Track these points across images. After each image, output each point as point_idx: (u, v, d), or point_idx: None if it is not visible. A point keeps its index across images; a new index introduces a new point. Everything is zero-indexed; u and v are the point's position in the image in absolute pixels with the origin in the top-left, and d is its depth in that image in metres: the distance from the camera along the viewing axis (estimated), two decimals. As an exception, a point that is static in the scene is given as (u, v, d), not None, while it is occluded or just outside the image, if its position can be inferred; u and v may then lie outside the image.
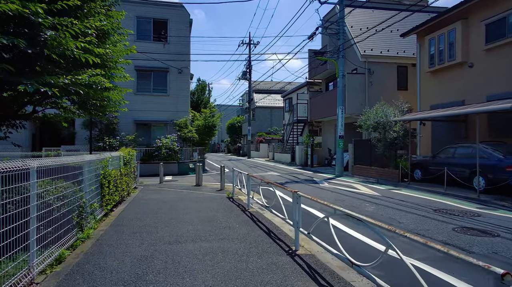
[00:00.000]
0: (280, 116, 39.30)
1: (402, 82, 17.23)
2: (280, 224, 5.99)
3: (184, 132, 17.89)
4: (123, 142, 16.52)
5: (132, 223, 6.00)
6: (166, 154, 16.56)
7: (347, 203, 8.35)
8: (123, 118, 17.76)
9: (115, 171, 7.69)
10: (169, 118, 18.64)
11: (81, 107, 7.97)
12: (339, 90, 15.58)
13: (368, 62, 16.87)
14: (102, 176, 6.46)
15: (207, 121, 19.15)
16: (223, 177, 10.85)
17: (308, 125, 24.79)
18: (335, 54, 15.67)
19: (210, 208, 7.50)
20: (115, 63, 7.64)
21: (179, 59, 18.84)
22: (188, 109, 19.28)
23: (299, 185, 11.99)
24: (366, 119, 13.40)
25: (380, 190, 10.66)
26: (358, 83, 16.94)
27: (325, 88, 21.98)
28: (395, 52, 17.08)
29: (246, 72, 32.81)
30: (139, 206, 7.83)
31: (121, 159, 8.73)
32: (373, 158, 13.98)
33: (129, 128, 17.95)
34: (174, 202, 8.37)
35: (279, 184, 12.71)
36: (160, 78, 18.81)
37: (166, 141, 16.84)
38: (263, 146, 33.83)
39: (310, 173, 17.01)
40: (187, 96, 19.30)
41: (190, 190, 10.80)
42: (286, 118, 30.15)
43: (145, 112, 18.43)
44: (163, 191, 10.52)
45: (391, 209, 7.56)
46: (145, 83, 18.65)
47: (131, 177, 10.09)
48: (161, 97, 18.76)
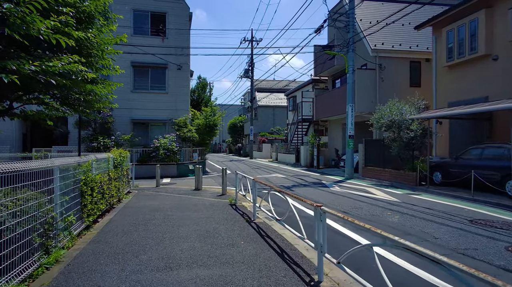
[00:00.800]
0: (283, 115, 38.32)
1: (415, 78, 16.20)
2: (292, 239, 5.01)
3: (184, 131, 16.91)
4: (118, 142, 15.57)
5: (116, 240, 5.01)
6: (164, 155, 15.59)
7: (365, 211, 7.35)
8: (119, 117, 16.81)
9: (101, 175, 6.72)
10: (168, 117, 17.68)
11: (63, 102, 6.99)
12: (348, 86, 14.57)
13: (379, 57, 15.85)
14: (83, 182, 5.49)
15: (208, 120, 18.17)
16: (225, 180, 9.86)
17: (313, 125, 23.78)
18: (344, 48, 14.67)
19: (210, 218, 6.51)
20: (101, 52, 6.63)
21: (179, 54, 17.87)
22: (188, 107, 18.32)
23: (308, 189, 10.99)
24: (380, 117, 12.38)
25: (398, 195, 9.65)
26: (368, 79, 15.92)
27: (331, 85, 20.97)
28: (408, 46, 16.06)
29: (248, 70, 31.83)
30: (129, 215, 6.85)
31: (110, 161, 7.76)
32: (386, 160, 12.96)
33: (126, 128, 17.00)
34: (169, 210, 7.39)
35: (286, 188, 11.72)
36: (158, 74, 17.85)
37: (164, 141, 15.87)
38: (265, 146, 32.84)
39: (317, 175, 16.00)
40: (187, 93, 18.33)
41: (188, 195, 9.81)
42: (290, 117, 29.14)
43: (142, 110, 17.48)
44: (159, 196, 9.55)
45: (419, 220, 6.54)
46: (142, 80, 17.69)
47: (123, 181, 9.12)
48: (159, 95, 17.81)
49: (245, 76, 32.06)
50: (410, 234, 5.51)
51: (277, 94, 39.02)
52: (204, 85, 30.77)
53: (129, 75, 17.36)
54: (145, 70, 17.68)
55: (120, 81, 17.92)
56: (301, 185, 12.24)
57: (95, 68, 6.76)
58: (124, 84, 17.32)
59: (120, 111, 16.83)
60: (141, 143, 16.77)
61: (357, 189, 11.05)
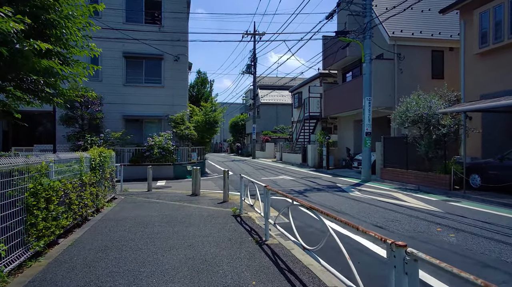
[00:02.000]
0: (287, 113, 36.74)
1: (437, 69, 14.59)
2: (329, 281, 3.43)
3: (181, 128, 15.35)
4: (108, 140, 14.02)
5: (69, 280, 3.45)
6: (159, 155, 14.03)
7: (406, 226, 5.77)
8: (109, 113, 15.26)
9: (68, 181, 5.17)
10: (164, 113, 16.12)
11: (18, 86, 5.44)
12: (365, 77, 12.98)
13: (397, 45, 14.25)
14: (30, 193, 3.93)
15: (208, 117, 16.60)
16: (226, 184, 8.28)
17: (321, 122, 22.20)
18: (360, 34, 13.07)
19: (209, 237, 4.95)
20: (64, 19, 5.06)
21: (175, 44, 16.31)
22: (186, 102, 16.76)
23: (324, 195, 9.41)
24: (404, 111, 10.79)
25: (434, 203, 8.06)
26: (386, 70, 14.33)
27: (341, 79, 19.37)
28: (429, 34, 14.45)
29: (251, 65, 30.26)
30: (103, 233, 5.28)
31: (84, 162, 6.19)
32: (410, 160, 11.38)
33: (117, 125, 15.45)
34: (157, 224, 5.83)
35: (298, 193, 10.12)
36: (153, 66, 16.28)
37: (160, 139, 14.32)
38: (269, 145, 31.26)
39: (328, 176, 14.42)
40: (185, 87, 16.77)
41: (183, 202, 8.25)
42: (295, 115, 27.55)
43: (135, 105, 15.92)
44: (148, 204, 7.98)
45: (485, 240, 4.96)
46: (135, 72, 16.13)
47: (104, 185, 7.56)
48: (154, 89, 16.24)
49: (248, 72, 30.49)
50: (488, 266, 3.94)
51: (280, 91, 37.44)
52: (204, 80, 29.13)
53: (121, 67, 15.81)
54: (139, 61, 16.12)
55: (111, 73, 16.42)
56: (315, 189, 10.66)
57: (55, 40, 5.18)
58: (116, 77, 15.82)
59: (111, 106, 15.32)
60: (135, 142, 15.23)
61: (381, 194, 9.46)
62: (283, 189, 10.46)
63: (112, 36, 15.00)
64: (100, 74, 15.55)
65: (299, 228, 4.31)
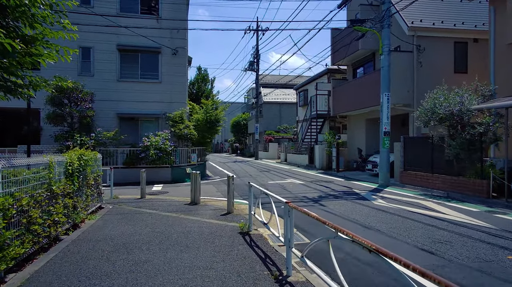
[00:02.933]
0: (290, 112, 35.52)
1: (460, 63, 13.33)
2: None
3: (180, 128, 14.12)
4: (99, 140, 12.80)
5: None
6: (155, 156, 12.80)
7: (462, 250, 4.52)
8: (102, 111, 14.06)
9: (25, 193, 3.95)
10: (162, 111, 14.90)
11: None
12: (383, 71, 11.73)
13: (416, 36, 12.99)
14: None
15: (209, 115, 15.36)
16: (231, 191, 7.03)
17: (328, 121, 20.95)
18: (377, 23, 11.82)
19: (210, 271, 3.71)
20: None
21: (174, 37, 15.08)
22: (186, 99, 15.53)
23: (343, 204, 8.16)
24: (432, 107, 9.53)
25: (477, 215, 6.81)
26: (404, 64, 13.07)
27: (352, 75, 18.12)
28: (451, 23, 13.19)
29: (253, 62, 29.01)
30: (72, 262, 4.05)
31: (54, 167, 4.97)
32: (436, 162, 10.13)
33: (111, 123, 14.23)
34: (145, 247, 4.60)
35: (312, 201, 8.85)
36: (149, 60, 15.05)
37: (156, 139, 13.09)
38: (272, 145, 30.01)
39: (341, 180, 13.17)
40: (184, 83, 15.54)
41: (181, 213, 7.01)
42: (300, 114, 26.31)
43: (130, 103, 14.70)
44: (139, 215, 6.75)
45: None
46: (130, 67, 14.90)
47: (85, 195, 6.34)
48: (151, 85, 15.02)
49: (250, 69, 29.24)
50: None
51: (284, 89, 36.18)
52: (205, 77, 27.84)
53: (115, 61, 14.58)
54: (134, 55, 14.89)
55: (104, 67, 15.17)
56: (330, 196, 9.40)
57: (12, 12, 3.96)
58: (109, 72, 14.59)
59: (103, 103, 14.11)
60: (130, 142, 14.00)
61: (408, 203, 8.21)
62: (295, 196, 9.22)
63: (105, 26, 13.78)
64: (91, 68, 14.35)
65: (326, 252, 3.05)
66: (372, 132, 16.70)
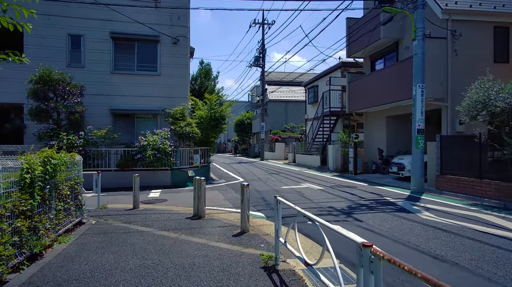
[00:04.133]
0: (297, 110, 33.95)
1: (501, 51, 11.70)
2: None
3: (180, 125, 12.56)
4: (89, 139, 11.26)
5: None
6: (153, 158, 11.24)
7: None
8: (94, 106, 12.54)
9: None
10: (161, 107, 13.36)
11: None
12: (417, 59, 10.14)
13: (451, 20, 11.36)
14: None
15: (213, 111, 13.81)
16: (245, 203, 5.44)
17: (342, 119, 19.34)
18: (409, 3, 10.21)
19: None
20: None
21: (175, 24, 13.54)
22: (187, 94, 13.97)
23: (382, 217, 6.57)
24: (485, 99, 7.92)
25: None
26: (436, 52, 11.44)
27: (370, 68, 16.50)
28: (491, 6, 11.57)
29: (259, 57, 27.44)
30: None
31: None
32: (484, 166, 8.52)
33: (104, 120, 12.70)
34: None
35: (342, 213, 7.18)
36: (147, 50, 13.50)
37: (154, 138, 11.54)
38: (279, 145, 28.42)
39: (363, 185, 11.57)
40: (185, 76, 13.98)
41: (181, 231, 5.45)
42: (310, 112, 24.73)
43: (126, 98, 13.16)
44: (127, 236, 5.19)
45: None
46: (126, 57, 13.35)
47: (55, 210, 4.78)
48: (148, 77, 13.47)
49: (256, 65, 27.67)
50: None
51: (290, 87, 34.62)
52: (208, 71, 26.21)
53: (108, 51, 13.04)
54: (130, 44, 13.33)
55: (96, 58, 13.54)
56: (361, 206, 7.81)
57: None
58: (102, 63, 13.04)
59: (95, 98, 12.59)
60: (125, 141, 12.49)
61: (462, 216, 6.61)
62: (319, 206, 7.64)
63: (97, 12, 12.25)
64: (82, 59, 12.81)
65: None
66: (394, 131, 15.10)
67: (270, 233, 5.40)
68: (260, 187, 11.22)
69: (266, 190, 10.35)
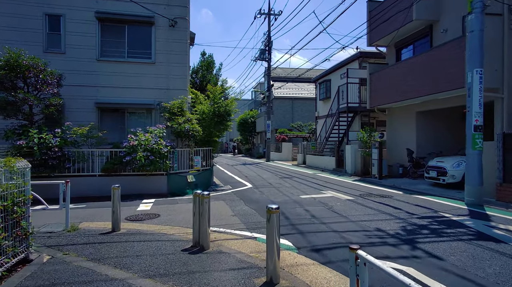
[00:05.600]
0: (304, 107, 32.00)
1: None
2: None
3: (178, 122, 10.59)
4: (67, 138, 9.30)
5: None
6: (144, 161, 9.27)
7: None
8: (75, 99, 10.60)
9: None
10: (156, 100, 11.41)
11: None
12: (472, 37, 8.17)
13: (508, -7, 9.36)
14: None
15: (217, 105, 11.84)
16: (274, 238, 3.45)
17: (360, 116, 17.35)
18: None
19: None
20: None
21: (172, 3, 11.57)
22: (187, 86, 12.00)
23: (464, 249, 4.57)
24: None
25: None
26: (490, 32, 9.41)
27: (395, 57, 14.48)
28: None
29: (265, 50, 25.45)
30: None
31: None
32: None
33: (88, 116, 10.75)
34: None
35: (397, 238, 4.87)
36: (139, 34, 11.53)
37: (147, 137, 9.58)
38: (286, 145, 26.43)
39: (398, 193, 9.57)
40: (185, 64, 11.99)
41: (173, 281, 3.47)
42: (321, 109, 22.74)
43: (114, 89, 11.21)
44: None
45: None
46: (115, 42, 11.38)
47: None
48: (141, 66, 11.50)
49: (261, 58, 25.68)
50: None
51: (297, 83, 32.57)
52: (210, 63, 24.16)
53: (94, 34, 11.07)
54: (120, 27, 11.36)
55: (80, 42, 11.24)
56: (421, 228, 5.79)
57: None
58: (86, 49, 11.04)
59: (78, 90, 10.65)
60: (113, 140, 10.54)
61: None
62: (362, 228, 5.64)
63: None
64: (62, 43, 10.84)
65: None
66: (425, 129, 13.10)
67: (315, 284, 3.43)
68: (274, 196, 9.24)
69: (284, 201, 8.37)
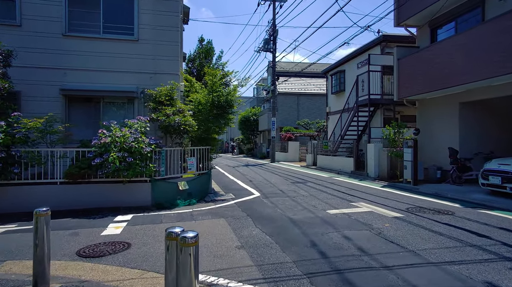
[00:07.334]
0: (311, 104, 29.74)
1: None
2: None
3: (166, 113, 8.24)
4: (14, 134, 6.94)
5: None
6: (120, 163, 6.93)
7: None
8: (35, 85, 8.28)
9: None
10: (139, 87, 9.07)
11: None
12: None
13: None
14: None
15: (217, 94, 9.50)
16: None
17: (382, 110, 15.03)
18: None
19: None
20: None
21: (159, -35, 9.23)
22: (178, 69, 9.66)
23: None
24: None
25: None
26: None
27: (430, 39, 12.13)
28: None
29: (269, 40, 23.13)
30: None
31: None
32: None
33: (51, 106, 8.40)
34: None
35: None
36: (119, 3, 9.18)
37: (123, 133, 7.25)
38: (292, 145, 24.10)
39: (457, 206, 7.24)
40: (176, 43, 9.61)
41: None
42: (333, 103, 20.42)
43: (86, 73, 8.85)
44: None
45: None
46: (86, 13, 9.03)
47: None
48: (121, 44, 9.15)
49: (265, 49, 23.36)
50: None
51: (303, 78, 30.26)
52: (209, 50, 21.76)
53: (59, 2, 8.71)
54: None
55: (40, 12, 7.65)
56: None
57: None
58: (49, 21, 8.54)
59: (39, 73, 8.30)
60: (87, 137, 8.17)
61: None
62: (466, 284, 3.30)
63: None
64: (17, 14, 8.48)
65: None
66: (471, 123, 10.80)
67: None
68: (293, 211, 6.91)
69: (308, 220, 6.04)
